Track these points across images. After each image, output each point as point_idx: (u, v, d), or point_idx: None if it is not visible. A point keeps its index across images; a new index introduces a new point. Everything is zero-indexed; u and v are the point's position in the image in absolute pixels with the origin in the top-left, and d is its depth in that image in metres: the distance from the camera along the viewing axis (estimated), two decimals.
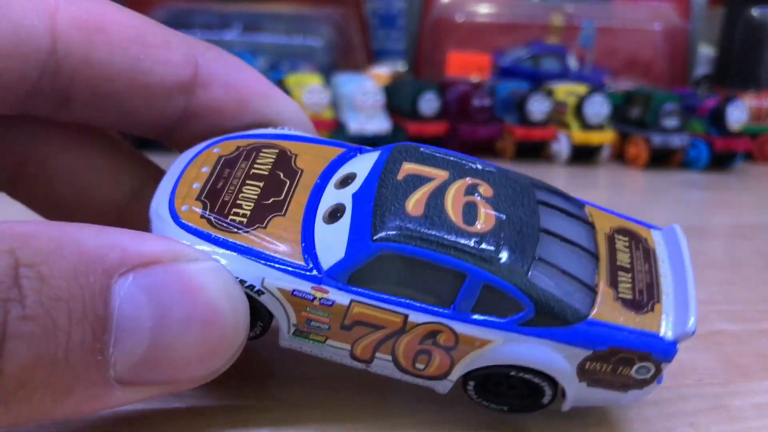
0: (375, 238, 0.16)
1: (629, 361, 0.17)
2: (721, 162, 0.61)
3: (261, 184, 0.18)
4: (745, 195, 0.54)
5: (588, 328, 0.17)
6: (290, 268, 0.17)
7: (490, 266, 0.16)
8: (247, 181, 0.18)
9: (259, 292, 0.17)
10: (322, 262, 0.17)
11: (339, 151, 0.20)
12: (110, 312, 0.13)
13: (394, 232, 0.16)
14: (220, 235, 0.17)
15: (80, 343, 0.13)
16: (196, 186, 0.18)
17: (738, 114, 0.59)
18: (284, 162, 0.19)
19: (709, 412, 0.20)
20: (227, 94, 0.19)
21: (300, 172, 0.19)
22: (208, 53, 0.19)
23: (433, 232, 0.16)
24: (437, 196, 0.17)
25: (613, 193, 0.54)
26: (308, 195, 0.18)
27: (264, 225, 0.17)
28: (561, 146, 0.61)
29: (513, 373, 0.18)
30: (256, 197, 0.18)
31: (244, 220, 0.17)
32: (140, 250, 0.14)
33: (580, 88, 0.63)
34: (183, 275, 0.14)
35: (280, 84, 0.63)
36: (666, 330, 0.17)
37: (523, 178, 0.19)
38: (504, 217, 0.17)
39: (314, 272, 0.17)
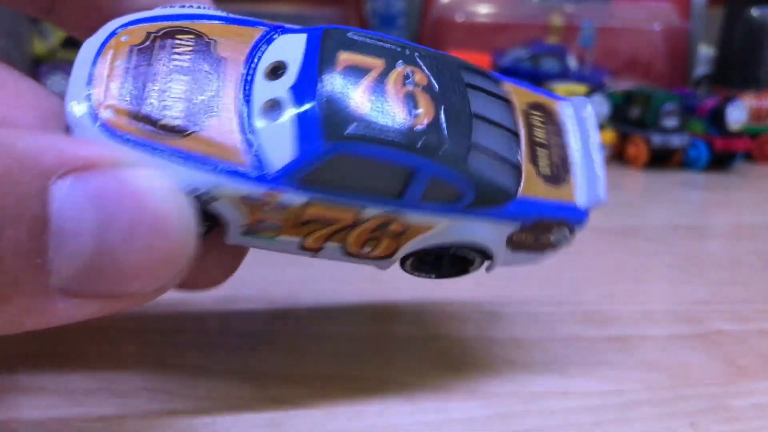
0: (329, 138, 0.16)
1: (549, 228, 0.20)
2: (720, 162, 0.61)
3: (186, 79, 0.17)
4: (744, 195, 0.54)
5: (518, 204, 0.19)
6: (239, 173, 0.16)
7: (437, 159, 0.17)
8: (171, 76, 0.17)
9: (210, 200, 0.16)
10: (270, 162, 0.16)
11: (258, 31, 0.19)
12: (48, 213, 0.13)
13: (347, 132, 0.16)
14: (157, 142, 0.16)
15: (15, 243, 0.12)
16: (114, 85, 0.16)
17: (738, 114, 0.59)
18: (204, 50, 0.18)
19: (709, 412, 0.20)
20: None
21: (223, 61, 0.17)
22: None
23: (384, 130, 0.17)
24: (378, 89, 0.17)
25: (613, 193, 0.54)
26: (238, 89, 0.17)
27: (201, 127, 0.16)
28: None
29: (452, 250, 0.19)
30: (183, 96, 0.16)
31: (179, 122, 0.16)
32: (78, 153, 0.13)
33: (580, 88, 0.63)
34: (126, 180, 0.13)
35: None
36: (580, 199, 0.20)
37: (451, 60, 0.20)
38: (442, 105, 0.18)
39: (265, 175, 0.16)
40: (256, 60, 0.18)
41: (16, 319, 0.13)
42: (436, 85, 0.18)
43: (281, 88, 0.17)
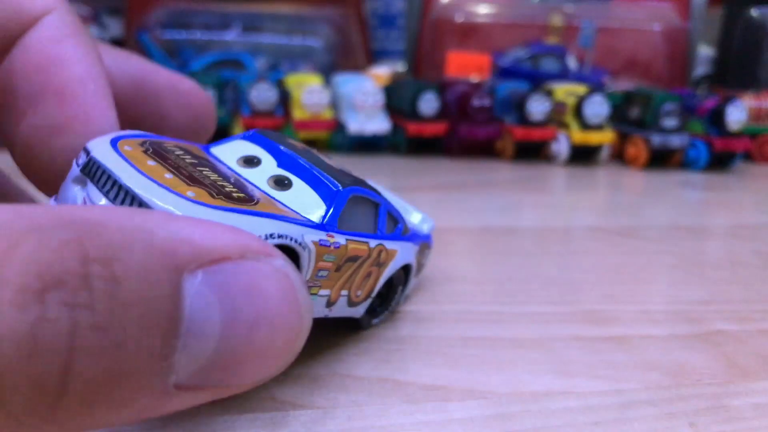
0: (343, 186, 0.20)
1: (424, 250, 0.26)
2: (720, 162, 0.61)
3: (208, 168, 0.18)
4: (744, 195, 0.54)
5: (414, 232, 0.25)
6: (307, 223, 0.18)
7: (381, 196, 0.22)
8: (197, 168, 0.17)
9: (303, 246, 0.17)
10: (311, 216, 0.19)
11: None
12: (181, 313, 0.12)
13: (350, 179, 0.20)
14: (244, 208, 0.16)
15: (149, 352, 0.11)
16: (170, 176, 0.16)
17: (737, 114, 0.59)
18: (192, 151, 0.19)
19: (709, 411, 0.20)
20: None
21: (205, 159, 0.19)
22: None
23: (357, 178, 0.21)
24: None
25: (613, 193, 0.54)
26: (235, 174, 0.19)
27: (254, 199, 0.17)
28: (560, 146, 0.61)
29: (395, 276, 0.24)
30: (219, 178, 0.17)
31: (243, 195, 0.17)
32: (210, 244, 0.12)
33: (580, 88, 0.63)
34: (252, 274, 0.13)
35: (281, 84, 0.64)
36: (426, 227, 0.28)
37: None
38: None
39: (320, 223, 0.19)
40: (216, 158, 0.20)
41: (132, 418, 0.12)
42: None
43: (268, 170, 0.20)
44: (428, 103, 0.60)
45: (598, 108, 0.60)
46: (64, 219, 0.11)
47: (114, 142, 0.17)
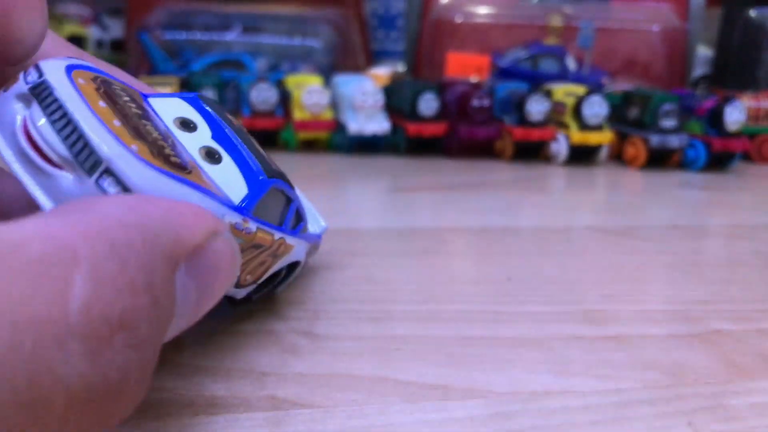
0: (269, 175, 0.20)
1: (314, 249, 0.27)
2: (719, 162, 0.61)
3: (149, 123, 0.17)
4: (743, 195, 0.54)
5: (309, 232, 0.26)
6: (228, 203, 0.18)
7: (294, 193, 0.23)
8: (142, 121, 0.17)
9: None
10: (230, 198, 0.18)
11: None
12: (174, 305, 0.14)
13: (275, 170, 0.21)
14: (182, 176, 0.16)
15: (150, 337, 0.13)
16: (118, 124, 0.16)
17: (736, 115, 0.59)
18: (136, 100, 0.18)
19: (707, 411, 0.20)
20: None
21: (146, 111, 0.18)
22: None
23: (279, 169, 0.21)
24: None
25: (612, 194, 0.54)
26: (171, 135, 0.19)
27: (187, 167, 0.17)
28: (559, 147, 0.61)
29: (282, 269, 0.24)
30: (159, 137, 0.17)
31: (177, 160, 0.17)
32: (189, 236, 0.14)
33: (579, 89, 0.63)
34: (216, 253, 0.15)
35: (281, 84, 0.64)
36: (317, 228, 0.28)
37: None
38: None
39: (239, 206, 0.19)
40: (155, 112, 0.19)
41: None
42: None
43: (202, 138, 0.19)
44: (428, 104, 0.60)
45: (597, 108, 0.60)
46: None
47: (69, 70, 0.16)
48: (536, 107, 0.60)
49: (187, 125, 0.19)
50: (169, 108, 0.20)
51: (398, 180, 0.53)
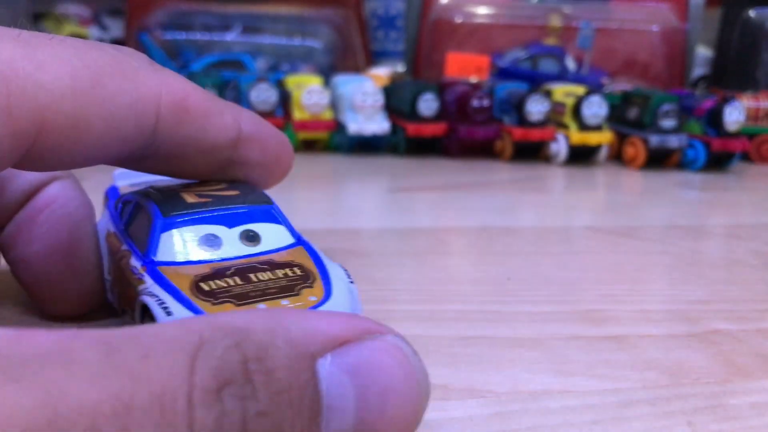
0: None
1: None
2: (718, 162, 0.61)
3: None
4: (742, 195, 0.54)
5: None
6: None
7: None
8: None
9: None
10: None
11: None
12: (320, 393, 0.14)
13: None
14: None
15: (300, 430, 0.13)
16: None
17: (735, 115, 0.60)
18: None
19: (707, 410, 0.20)
20: (260, 149, 0.23)
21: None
22: (245, 115, 0.22)
23: None
24: None
25: (611, 194, 0.54)
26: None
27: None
28: (559, 147, 0.61)
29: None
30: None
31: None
32: (334, 331, 0.15)
33: (579, 89, 0.63)
34: (371, 350, 0.15)
35: (281, 84, 0.64)
36: None
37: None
38: None
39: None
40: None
41: None
42: None
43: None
44: (427, 104, 0.60)
45: (596, 108, 0.60)
46: (223, 329, 0.13)
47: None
48: (536, 107, 0.60)
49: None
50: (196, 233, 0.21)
51: (398, 180, 0.53)
